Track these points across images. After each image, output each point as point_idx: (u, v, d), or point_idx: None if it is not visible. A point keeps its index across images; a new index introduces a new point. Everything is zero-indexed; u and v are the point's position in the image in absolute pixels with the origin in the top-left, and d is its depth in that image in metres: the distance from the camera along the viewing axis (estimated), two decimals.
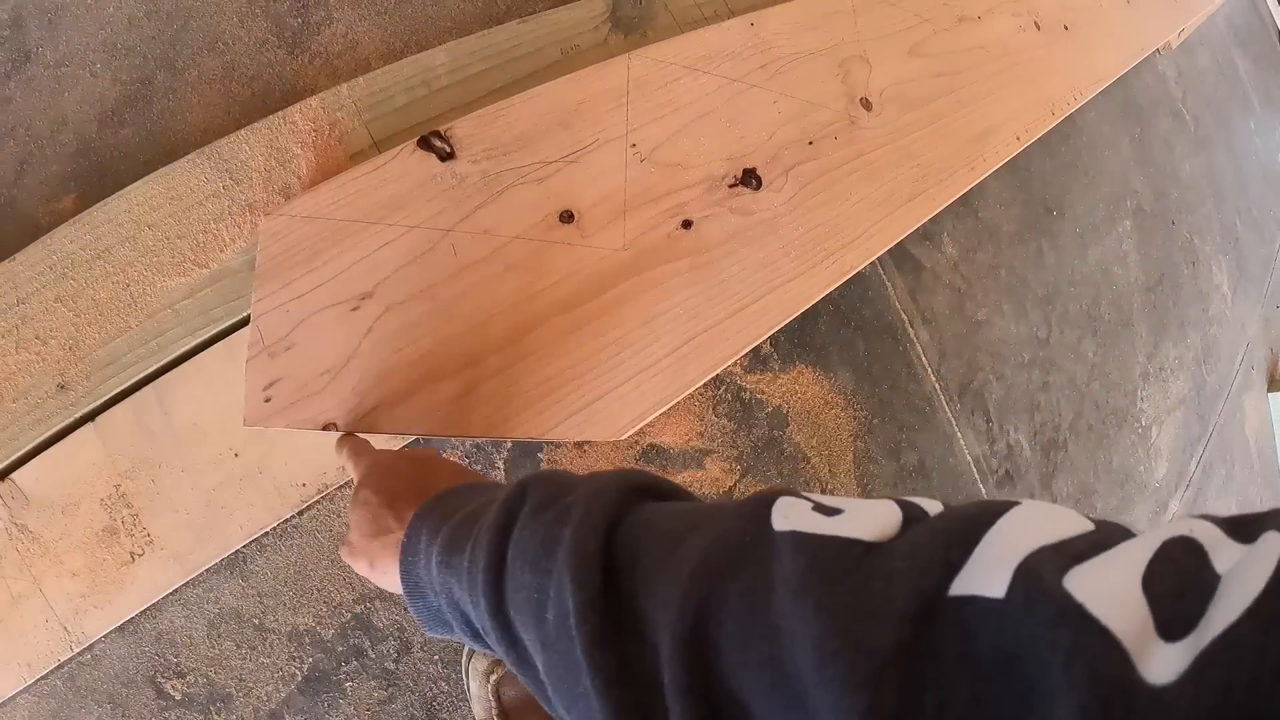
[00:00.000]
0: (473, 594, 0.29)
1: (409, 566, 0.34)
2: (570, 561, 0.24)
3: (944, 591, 0.16)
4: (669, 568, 0.22)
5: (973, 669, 0.15)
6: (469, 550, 0.30)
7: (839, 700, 0.16)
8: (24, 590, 0.54)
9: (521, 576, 0.26)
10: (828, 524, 0.20)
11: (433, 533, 0.34)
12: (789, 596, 0.19)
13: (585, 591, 0.23)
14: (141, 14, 0.62)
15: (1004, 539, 0.17)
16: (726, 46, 0.65)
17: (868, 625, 0.17)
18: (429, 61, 0.60)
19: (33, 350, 0.55)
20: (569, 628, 0.23)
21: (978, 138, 0.78)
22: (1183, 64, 1.31)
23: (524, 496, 0.29)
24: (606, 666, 0.22)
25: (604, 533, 0.25)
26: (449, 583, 0.31)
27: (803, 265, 0.63)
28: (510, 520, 0.29)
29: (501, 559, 0.28)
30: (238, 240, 0.56)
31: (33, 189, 0.60)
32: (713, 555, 0.21)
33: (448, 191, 0.54)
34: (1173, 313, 1.11)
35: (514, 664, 0.28)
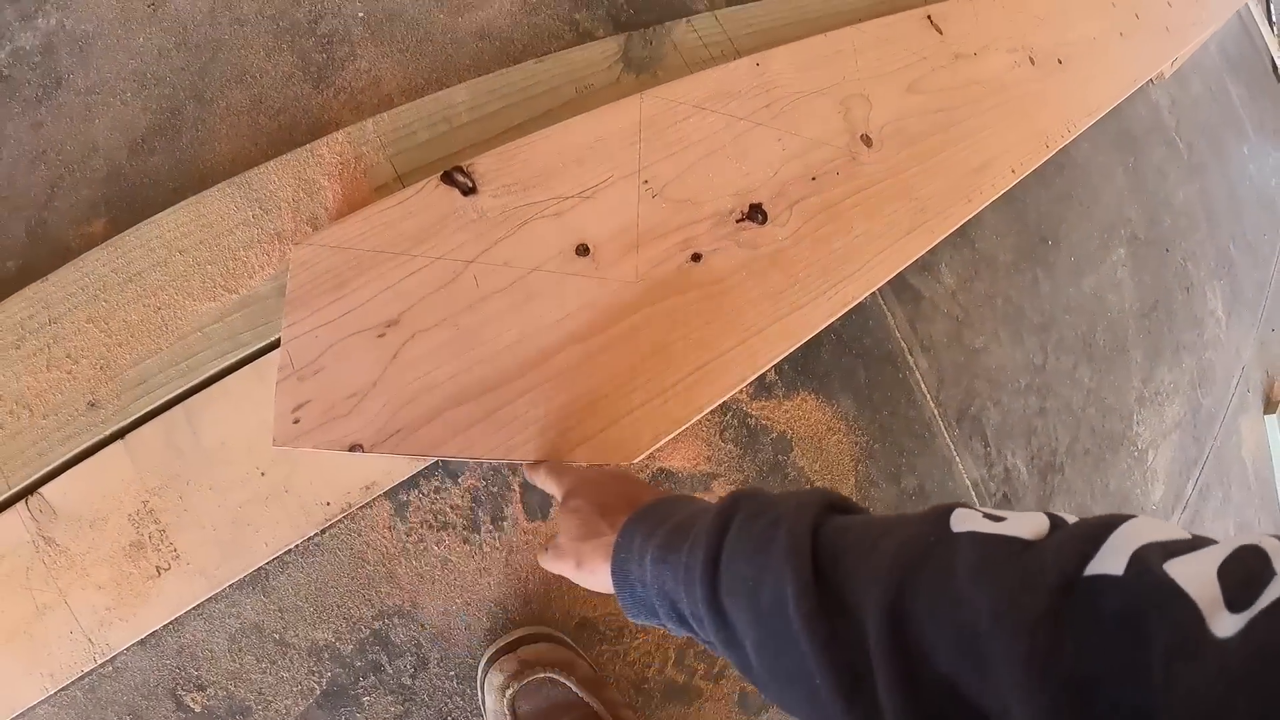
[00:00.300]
0: (688, 585, 0.36)
1: (621, 563, 0.41)
2: (788, 556, 0.31)
3: (1081, 573, 0.23)
4: (869, 561, 0.29)
5: (1099, 623, 0.22)
6: (686, 549, 0.37)
7: (1007, 645, 0.23)
8: (50, 602, 0.56)
9: (738, 569, 0.33)
10: (995, 527, 0.27)
11: (647, 534, 0.40)
12: (968, 577, 0.25)
13: (801, 578, 0.30)
14: (171, 45, 0.65)
15: (1124, 536, 0.23)
16: (733, 86, 0.67)
17: (1027, 594, 0.23)
18: (450, 99, 0.63)
19: (64, 369, 0.58)
20: (785, 608, 0.30)
21: (974, 171, 0.81)
22: (1176, 93, 1.34)
23: (737, 506, 0.36)
24: (821, 634, 0.28)
25: (811, 534, 0.31)
26: (662, 576, 0.38)
27: (807, 296, 0.66)
28: (726, 524, 0.36)
29: (718, 556, 0.35)
30: (266, 267, 0.59)
31: (64, 212, 0.62)
32: (906, 551, 0.28)
33: (470, 225, 0.57)
34: (1168, 338, 1.14)
35: (722, 642, 0.34)
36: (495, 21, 0.69)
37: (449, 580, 0.60)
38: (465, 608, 0.61)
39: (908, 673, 0.26)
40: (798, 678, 0.29)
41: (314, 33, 0.66)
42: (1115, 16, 1.12)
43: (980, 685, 0.24)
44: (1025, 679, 0.22)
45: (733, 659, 0.34)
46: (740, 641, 0.33)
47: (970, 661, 0.24)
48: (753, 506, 0.36)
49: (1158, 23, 1.19)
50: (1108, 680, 0.21)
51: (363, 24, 0.67)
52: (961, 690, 0.24)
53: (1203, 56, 1.39)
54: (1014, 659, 0.22)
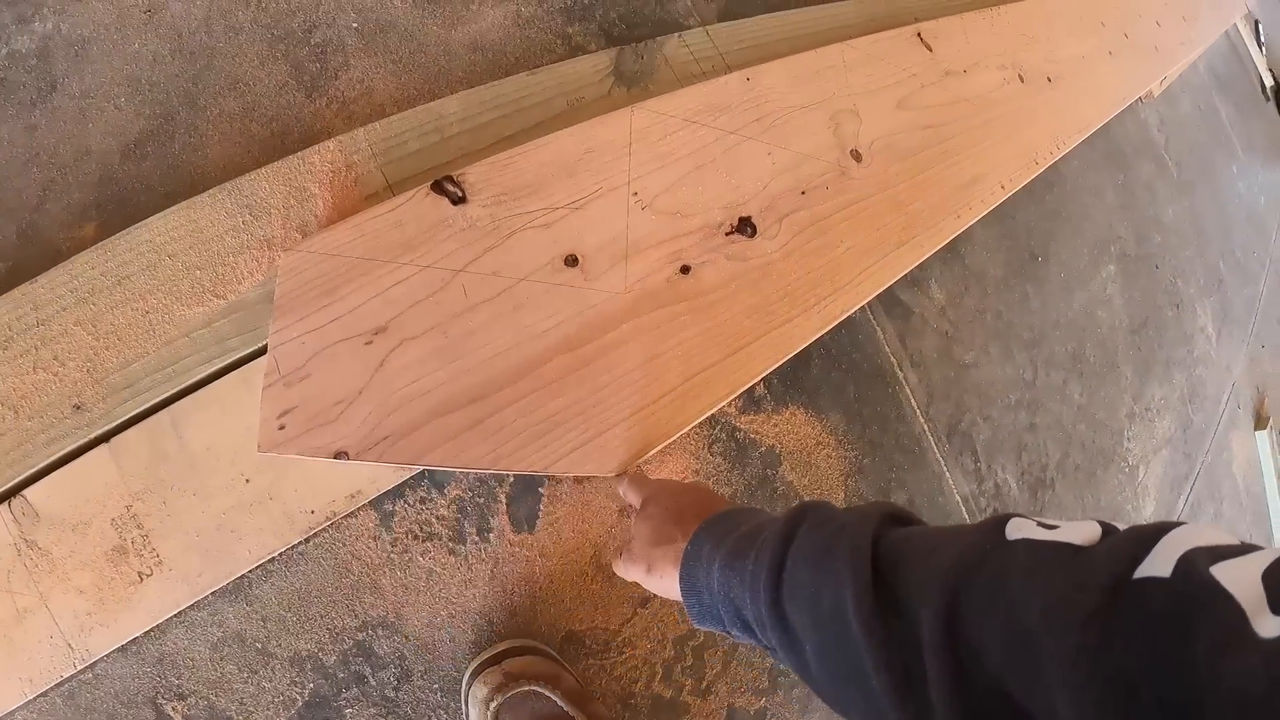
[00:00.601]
0: (753, 590, 0.37)
1: (690, 568, 0.43)
2: (848, 562, 0.32)
3: (1130, 575, 0.24)
4: (926, 566, 0.30)
5: (1147, 622, 0.22)
6: (753, 556, 0.38)
7: (1056, 642, 0.24)
8: (30, 605, 0.55)
9: (801, 575, 0.35)
10: (1049, 534, 0.28)
11: (716, 542, 0.42)
12: (1021, 579, 0.26)
13: (860, 583, 0.31)
14: (166, 52, 0.65)
15: (1173, 541, 0.24)
16: (724, 100, 0.68)
17: (1077, 593, 0.24)
18: (442, 109, 0.63)
19: (50, 370, 0.57)
20: (844, 611, 0.31)
21: (963, 187, 0.82)
22: (1165, 111, 1.36)
23: (803, 516, 0.38)
24: (878, 634, 0.30)
25: (871, 543, 0.33)
26: (729, 582, 0.39)
27: (796, 309, 0.66)
28: (791, 533, 0.37)
29: (782, 563, 0.36)
30: (255, 274, 0.59)
31: (55, 215, 0.62)
32: (963, 557, 0.29)
33: (459, 234, 0.57)
34: (1158, 354, 1.15)
35: (783, 647, 0.36)
36: (488, 34, 0.70)
37: (434, 591, 0.60)
38: (450, 620, 0.60)
39: (958, 672, 0.27)
40: (854, 678, 0.31)
41: (308, 42, 0.66)
42: (1104, 36, 1.13)
43: (1028, 682, 0.25)
44: (1073, 674, 0.23)
45: (792, 663, 0.36)
46: (800, 645, 0.35)
47: (1020, 659, 0.25)
48: (818, 517, 0.38)
49: (1146, 42, 1.21)
50: (1154, 676, 0.21)
51: (356, 34, 0.67)
52: (1010, 688, 0.25)
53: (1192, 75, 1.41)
54: (1063, 655, 0.23)
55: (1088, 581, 0.24)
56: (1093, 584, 0.24)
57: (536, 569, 0.63)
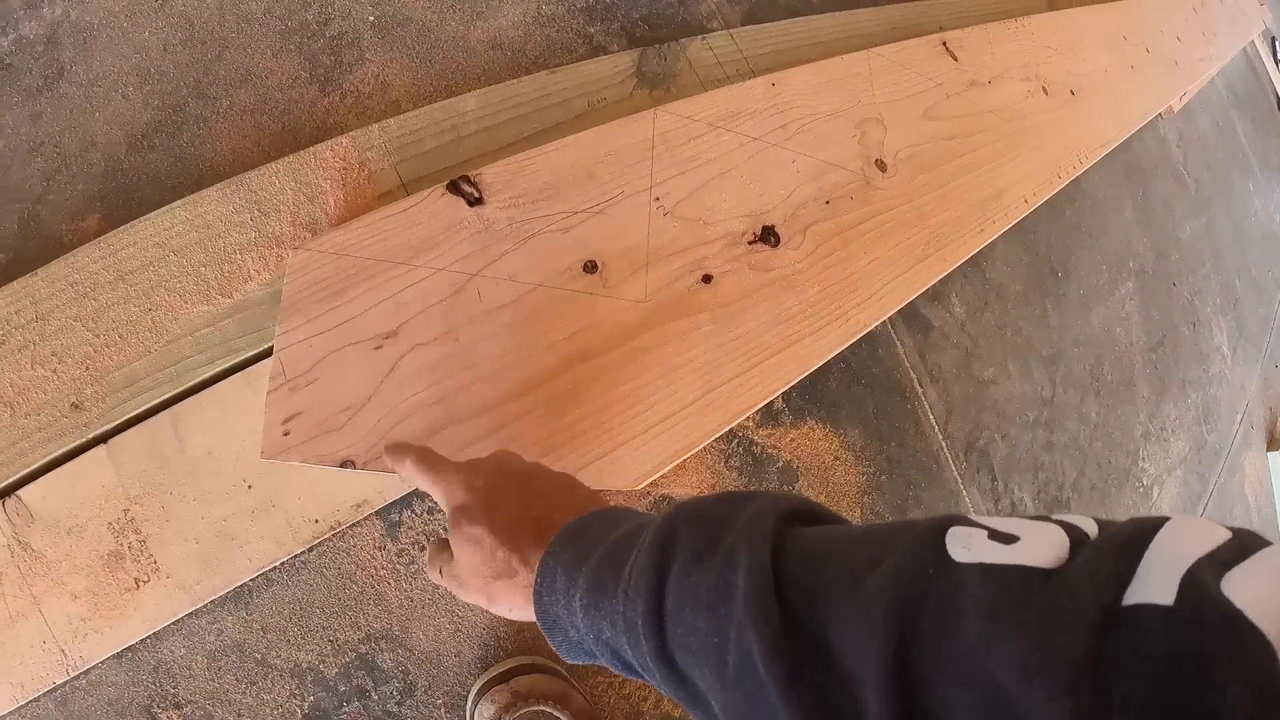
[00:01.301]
0: (630, 636, 0.30)
1: (545, 606, 0.35)
2: (750, 609, 0.25)
3: (1119, 602, 0.19)
4: (858, 601, 0.24)
5: (1149, 667, 0.18)
6: (621, 594, 0.31)
7: (1047, 705, 0.19)
8: (23, 609, 0.53)
9: (694, 622, 0.28)
10: (1008, 553, 0.22)
11: (570, 573, 0.34)
12: (983, 622, 0.21)
13: (770, 636, 0.25)
14: (176, 41, 0.63)
15: (1164, 553, 0.20)
16: (749, 105, 0.66)
17: (1062, 637, 0.19)
18: (459, 107, 0.62)
19: (48, 367, 0.56)
20: (755, 671, 0.25)
21: (987, 200, 0.80)
22: (1184, 127, 1.34)
23: (674, 536, 0.30)
24: (805, 702, 0.23)
25: (774, 573, 0.26)
26: (597, 624, 0.32)
27: (818, 322, 0.64)
28: (665, 562, 0.30)
29: (660, 602, 0.29)
30: (262, 272, 0.57)
31: (58, 205, 0.61)
32: (901, 588, 0.23)
33: (474, 236, 0.55)
34: (1174, 373, 1.13)
35: (684, 700, 0.29)
36: (508, 32, 0.68)
37: (440, 605, 0.58)
38: (456, 634, 0.58)
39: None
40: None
41: (323, 35, 0.65)
42: (1126, 50, 1.12)
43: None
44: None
45: (698, 717, 0.29)
46: (705, 700, 0.28)
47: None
48: (696, 534, 0.30)
49: (1167, 57, 1.20)
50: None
51: (373, 28, 0.65)
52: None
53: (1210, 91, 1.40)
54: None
55: (1071, 620, 0.19)
56: (1078, 623, 0.19)
57: None
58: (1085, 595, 0.20)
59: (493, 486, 0.41)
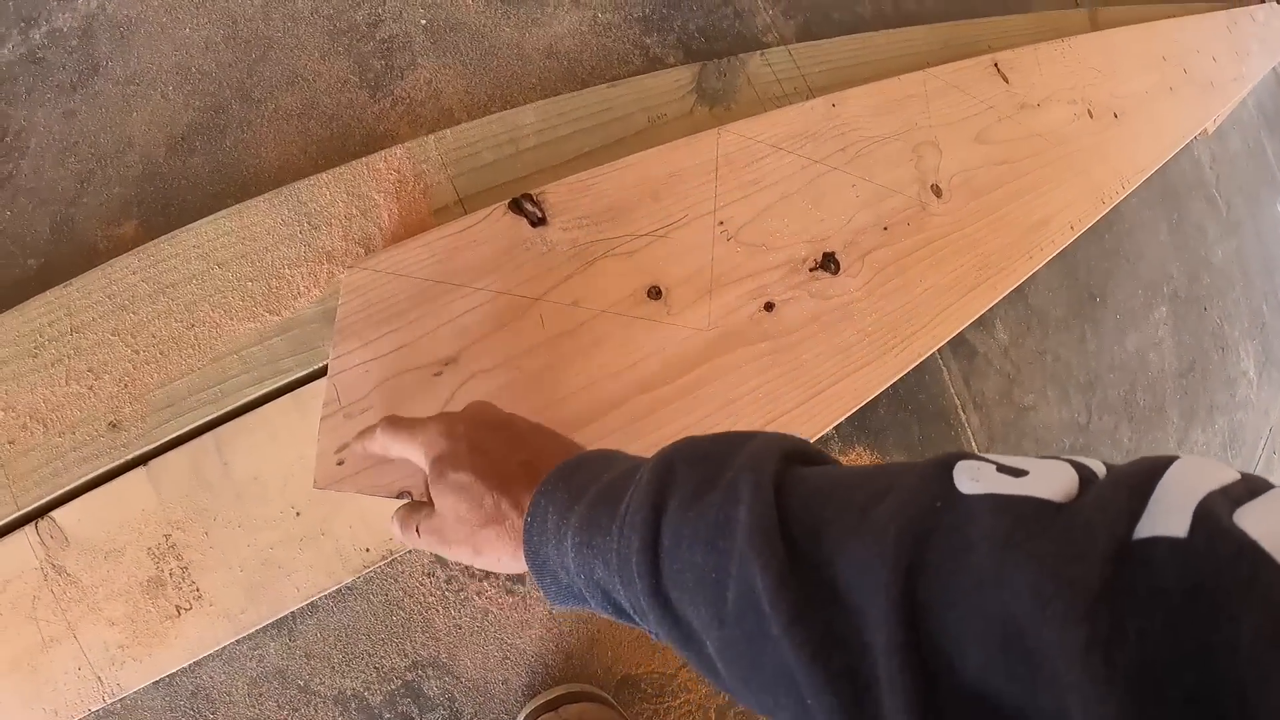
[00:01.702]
0: (624, 574, 0.29)
1: (535, 546, 0.34)
2: (754, 542, 0.25)
3: (1131, 535, 0.19)
4: (863, 535, 0.23)
5: (1164, 599, 0.18)
6: (616, 531, 0.30)
7: (1061, 634, 0.18)
8: (57, 634, 0.51)
9: (691, 557, 0.27)
10: (1018, 484, 0.22)
11: (562, 512, 0.33)
12: (993, 551, 0.20)
13: (775, 569, 0.24)
14: (219, 39, 0.60)
15: (1176, 487, 0.19)
16: (810, 127, 0.65)
17: (1076, 567, 0.19)
18: (517, 120, 0.59)
19: (84, 383, 0.53)
20: (758, 606, 0.24)
21: (1035, 227, 0.80)
22: (1216, 149, 1.34)
23: (672, 473, 0.30)
24: (811, 637, 0.23)
25: (777, 507, 0.26)
26: (589, 563, 0.31)
27: (875, 351, 0.63)
28: (662, 499, 0.29)
29: (656, 538, 0.28)
30: (312, 289, 0.55)
31: (92, 209, 0.58)
32: (907, 521, 0.22)
33: (538, 259, 0.53)
34: (1202, 399, 1.14)
35: (677, 641, 0.28)
36: (563, 40, 0.65)
37: (488, 632, 0.57)
38: (504, 662, 0.57)
39: (927, 680, 0.21)
40: (779, 684, 0.24)
41: (373, 37, 0.62)
42: (1165, 71, 1.11)
43: (1022, 687, 0.19)
44: (1086, 674, 0.18)
45: (690, 659, 0.29)
46: (698, 640, 0.28)
47: (1008, 659, 0.20)
48: (694, 472, 0.29)
49: (1204, 78, 1.19)
50: (1182, 671, 0.17)
51: (425, 32, 0.63)
52: (995, 695, 0.20)
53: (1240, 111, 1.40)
54: (1069, 651, 0.18)
55: (1085, 551, 0.19)
56: (1092, 554, 0.19)
57: None
58: (1098, 528, 0.19)
59: (474, 433, 0.39)
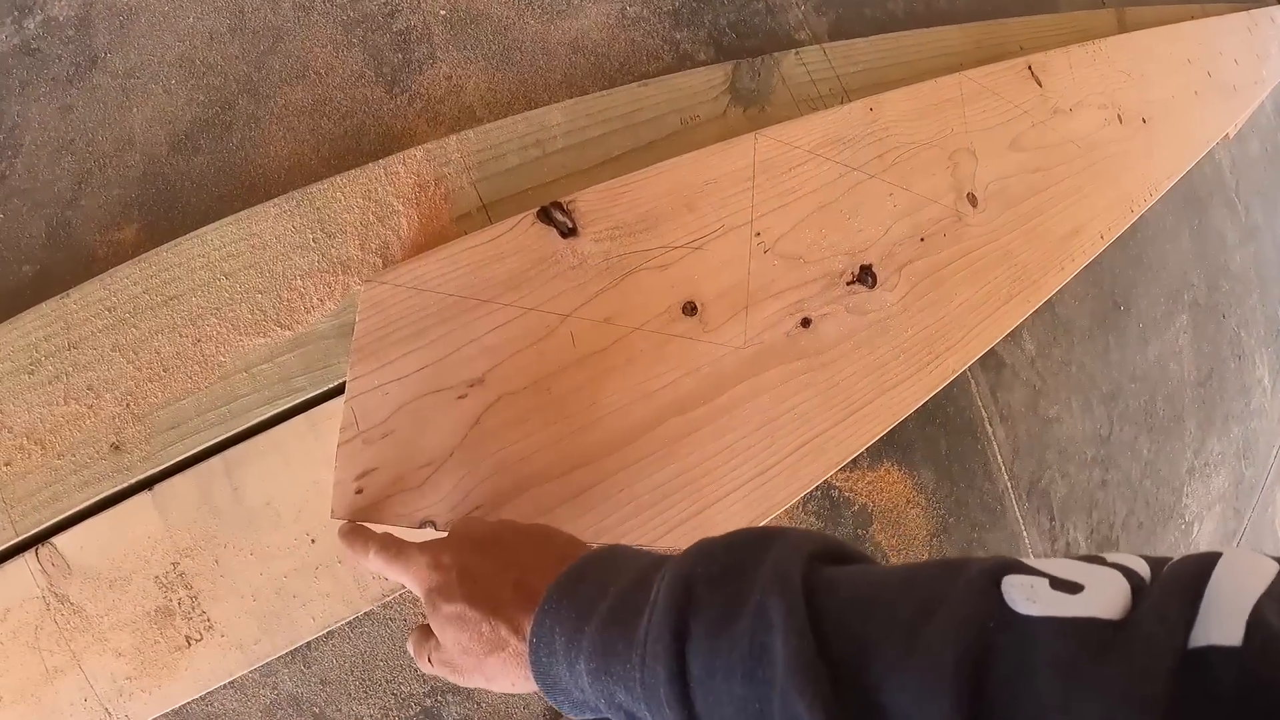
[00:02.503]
0: (651, 703, 0.28)
1: (545, 668, 0.33)
2: (795, 678, 0.24)
3: (1186, 645, 0.19)
4: (916, 660, 0.23)
5: (1222, 707, 0.18)
6: (638, 660, 0.29)
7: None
8: (61, 665, 0.49)
9: (729, 689, 0.26)
10: (1077, 604, 0.22)
11: (571, 634, 0.32)
12: (1058, 680, 0.20)
13: (820, 705, 0.23)
14: (225, 29, 0.57)
15: (1224, 592, 0.20)
16: (847, 132, 0.62)
17: (1143, 688, 0.19)
18: (544, 120, 0.56)
19: (84, 402, 0.50)
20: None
21: (1067, 237, 0.78)
22: (1236, 153, 1.32)
23: (690, 594, 0.28)
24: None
25: (812, 626, 0.25)
26: (609, 689, 0.30)
27: (910, 368, 0.61)
28: (684, 625, 0.28)
29: (683, 668, 0.27)
30: (327, 302, 0.52)
31: (90, 212, 0.54)
32: (965, 644, 0.22)
33: (568, 272, 0.50)
34: (1219, 408, 1.13)
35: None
36: (590, 34, 0.62)
37: None
38: None
39: None
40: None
41: (389, 28, 0.58)
42: (1190, 74, 1.09)
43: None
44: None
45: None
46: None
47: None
48: (717, 593, 0.28)
49: (1226, 82, 1.17)
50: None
51: (445, 23, 0.59)
52: None
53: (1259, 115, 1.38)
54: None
55: (1149, 668, 0.19)
56: (1155, 671, 0.19)
57: None
58: (1159, 641, 0.20)
59: (462, 559, 0.38)
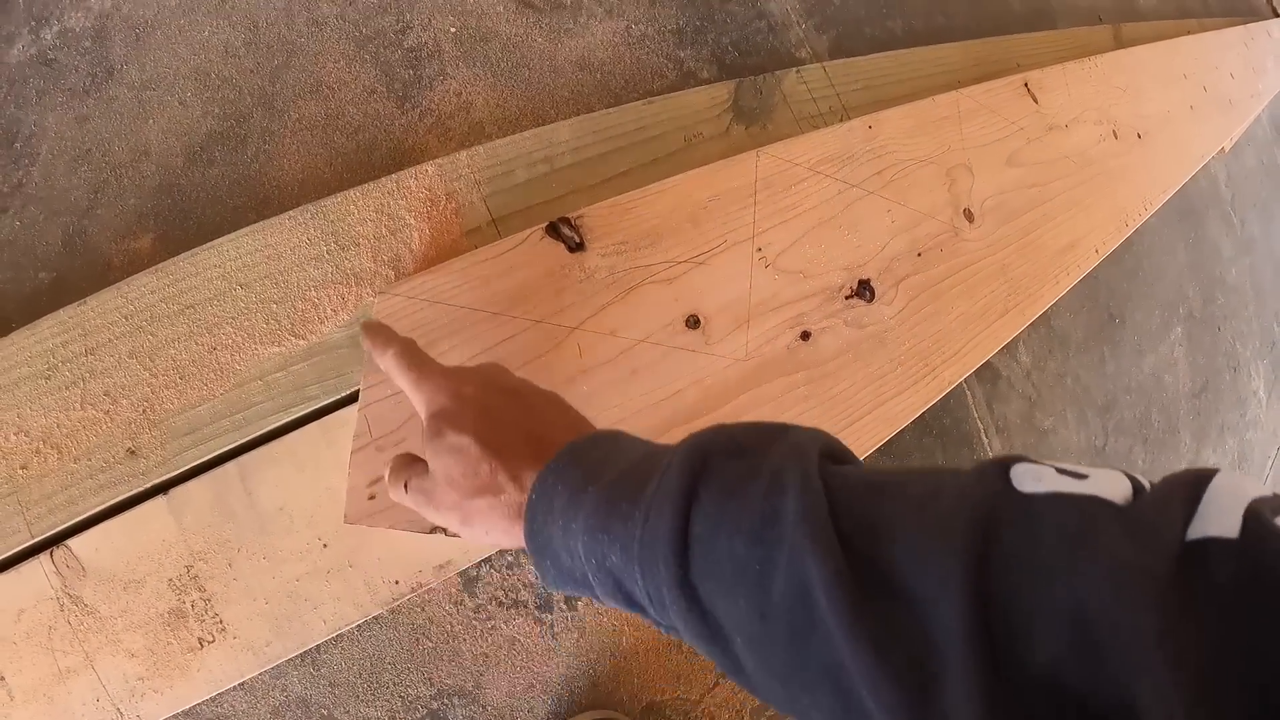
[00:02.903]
0: (645, 565, 0.28)
1: (538, 527, 0.32)
2: (807, 532, 0.24)
3: (1184, 536, 0.20)
4: (926, 526, 0.23)
5: (1219, 596, 0.19)
6: (640, 518, 0.28)
7: (1135, 619, 0.19)
8: (74, 665, 0.50)
9: (731, 548, 0.26)
10: (1082, 485, 0.22)
11: (574, 493, 0.31)
12: (1065, 545, 0.21)
13: (831, 562, 0.23)
14: (240, 44, 0.58)
15: (1223, 492, 0.20)
16: (847, 149, 0.63)
17: (1147, 559, 0.20)
18: (552, 136, 0.57)
19: (101, 408, 0.51)
20: (810, 599, 0.24)
21: (1062, 251, 0.79)
22: (1232, 165, 1.34)
23: (706, 461, 0.28)
24: (872, 630, 0.22)
25: (827, 498, 0.25)
26: (602, 550, 0.30)
27: (907, 380, 0.62)
28: (694, 485, 0.28)
29: (687, 527, 0.27)
30: (340, 312, 0.53)
31: (106, 221, 0.55)
32: (975, 516, 0.23)
33: (576, 286, 0.52)
34: (1214, 419, 1.15)
35: (698, 636, 0.27)
36: (596, 52, 0.63)
37: (515, 661, 0.56)
38: (530, 690, 0.56)
39: (999, 668, 0.21)
40: (824, 685, 0.24)
41: (401, 45, 0.59)
42: (1186, 89, 1.11)
43: (1089, 677, 0.20)
44: (1159, 664, 0.18)
45: (712, 654, 0.27)
46: (726, 636, 0.27)
47: (1076, 649, 0.20)
48: (731, 462, 0.28)
49: (1222, 96, 1.19)
50: (1247, 665, 0.18)
51: (455, 41, 0.60)
52: (1060, 687, 0.20)
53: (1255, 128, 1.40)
54: (1143, 638, 0.19)
55: (1152, 545, 0.20)
56: (1158, 549, 0.20)
57: (622, 639, 0.59)
58: (1161, 527, 0.20)
59: (483, 396, 0.37)
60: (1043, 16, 1.03)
